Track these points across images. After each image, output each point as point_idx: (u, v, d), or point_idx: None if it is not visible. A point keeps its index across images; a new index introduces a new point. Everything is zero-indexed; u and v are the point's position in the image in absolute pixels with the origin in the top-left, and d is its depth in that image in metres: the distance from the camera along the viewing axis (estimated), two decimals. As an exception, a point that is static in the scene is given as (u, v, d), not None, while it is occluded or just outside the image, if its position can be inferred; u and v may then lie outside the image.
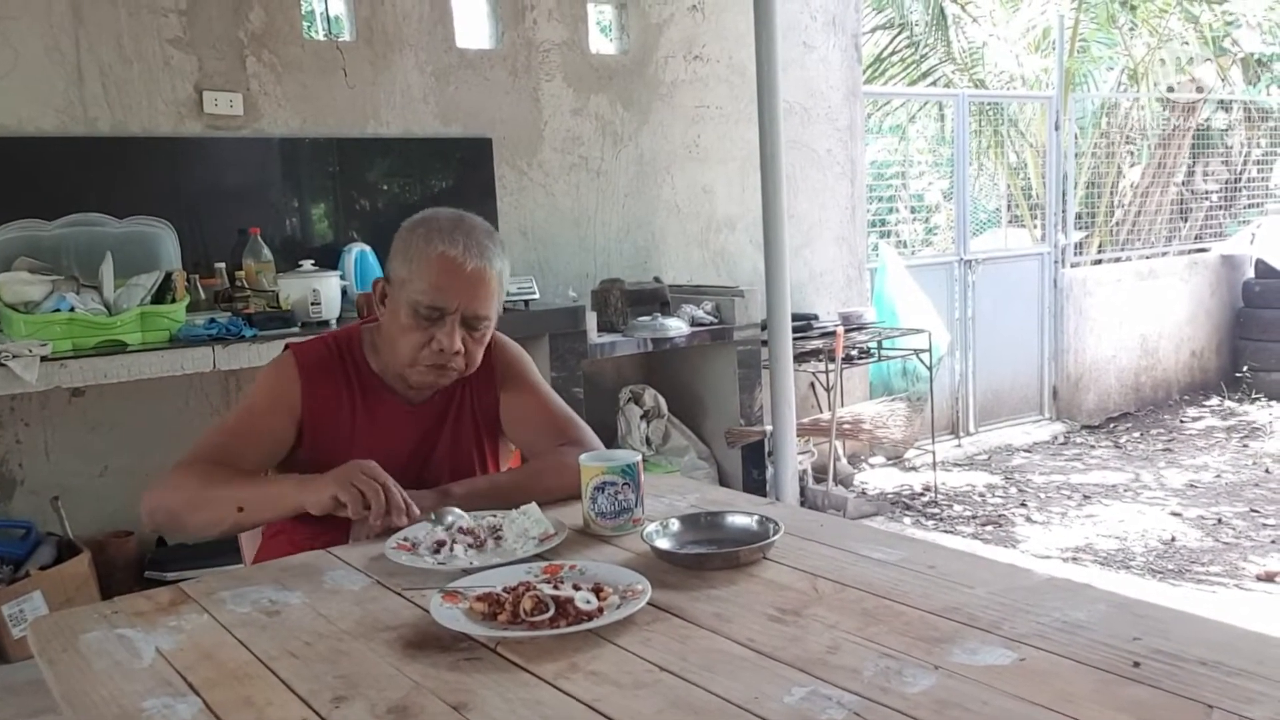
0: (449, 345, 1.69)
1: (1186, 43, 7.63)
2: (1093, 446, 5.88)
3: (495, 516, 1.57)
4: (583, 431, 1.84)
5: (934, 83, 7.65)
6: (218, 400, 3.71)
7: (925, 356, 4.97)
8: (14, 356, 2.83)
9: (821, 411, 4.96)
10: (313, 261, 3.50)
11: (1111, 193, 7.47)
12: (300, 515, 1.70)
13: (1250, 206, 7.87)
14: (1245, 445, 5.75)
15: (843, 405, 4.81)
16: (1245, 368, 6.96)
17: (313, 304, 3.32)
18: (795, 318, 4.38)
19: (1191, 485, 5.01)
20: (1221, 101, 7.77)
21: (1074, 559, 4.05)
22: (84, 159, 3.43)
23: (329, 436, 1.75)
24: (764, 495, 4.22)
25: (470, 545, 1.49)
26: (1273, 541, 4.13)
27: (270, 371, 1.80)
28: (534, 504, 1.57)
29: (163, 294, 3.15)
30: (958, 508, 4.78)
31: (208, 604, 1.37)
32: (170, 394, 3.58)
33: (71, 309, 3.00)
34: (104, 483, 3.54)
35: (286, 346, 1.83)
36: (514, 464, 1.95)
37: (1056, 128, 6.32)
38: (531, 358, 1.96)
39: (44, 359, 2.88)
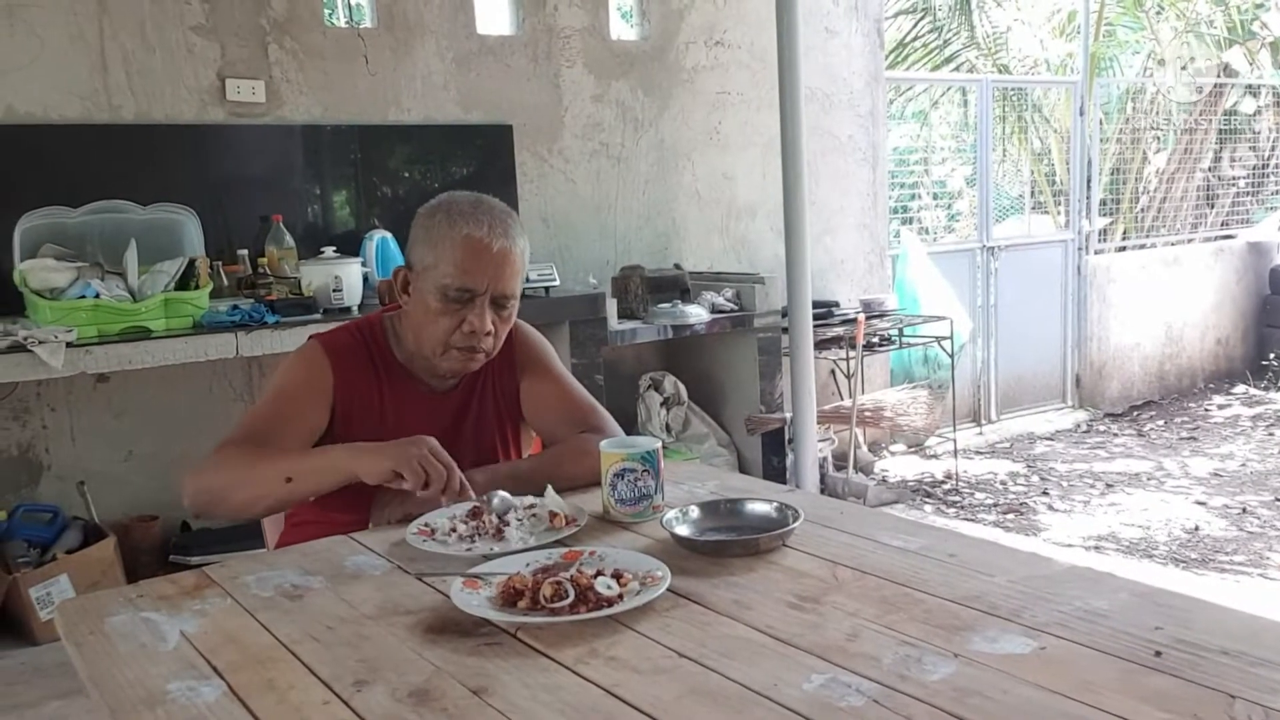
0: (480, 326, 1.70)
1: (1214, 26, 7.53)
2: (1116, 435, 5.84)
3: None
4: (603, 418, 1.84)
5: (957, 68, 7.60)
6: (240, 386, 3.74)
7: (947, 344, 4.94)
8: (40, 342, 2.87)
9: (842, 399, 4.94)
10: (334, 248, 3.52)
11: (1136, 179, 7.40)
12: (322, 500, 1.72)
13: (1278, 193, 7.77)
14: (1271, 434, 5.70)
15: (863, 392, 4.79)
16: (1272, 355, 6.89)
17: (334, 290, 3.34)
18: (816, 305, 4.37)
19: (1216, 474, 4.97)
20: (1249, 86, 7.67)
21: (1096, 548, 4.03)
22: (108, 146, 3.46)
23: (360, 424, 1.75)
24: (784, 482, 4.22)
25: (490, 532, 1.50)
26: (1298, 531, 4.10)
27: (299, 360, 1.78)
28: (550, 489, 1.57)
29: (186, 280, 3.18)
30: (979, 496, 4.76)
31: (231, 588, 1.38)
32: (194, 380, 3.61)
33: (96, 295, 3.02)
34: (129, 467, 3.58)
35: (310, 338, 1.82)
36: (535, 450, 1.95)
37: (1081, 113, 6.25)
38: (552, 344, 1.96)
39: (69, 345, 2.91)
